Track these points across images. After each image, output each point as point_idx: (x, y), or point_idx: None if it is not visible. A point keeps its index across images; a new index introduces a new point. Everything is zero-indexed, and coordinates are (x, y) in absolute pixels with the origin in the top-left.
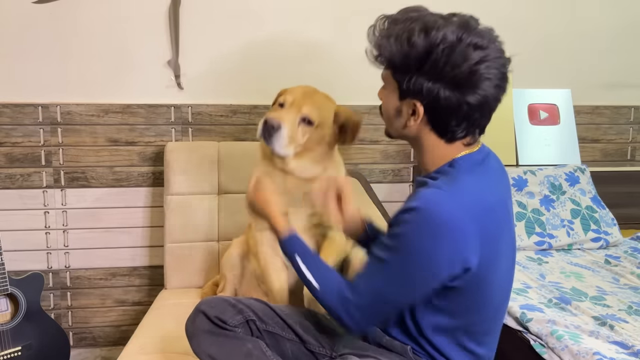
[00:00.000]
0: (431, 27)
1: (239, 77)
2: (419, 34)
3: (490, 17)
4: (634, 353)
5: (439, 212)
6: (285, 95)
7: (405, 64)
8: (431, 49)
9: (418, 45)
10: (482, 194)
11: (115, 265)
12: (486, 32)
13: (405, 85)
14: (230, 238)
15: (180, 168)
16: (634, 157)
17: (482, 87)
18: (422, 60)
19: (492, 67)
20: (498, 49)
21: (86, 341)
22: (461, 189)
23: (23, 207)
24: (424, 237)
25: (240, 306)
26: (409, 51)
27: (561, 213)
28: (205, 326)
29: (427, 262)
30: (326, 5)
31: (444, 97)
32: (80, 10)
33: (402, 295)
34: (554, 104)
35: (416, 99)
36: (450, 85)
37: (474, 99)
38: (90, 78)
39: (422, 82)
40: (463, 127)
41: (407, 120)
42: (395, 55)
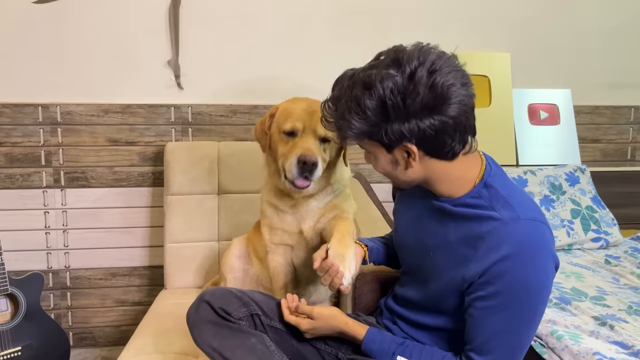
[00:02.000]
0: (370, 82)
1: (239, 77)
2: (365, 95)
3: (491, 17)
4: (634, 353)
5: (532, 242)
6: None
7: (372, 126)
8: (383, 100)
9: (370, 105)
10: (527, 195)
11: (115, 265)
12: (415, 50)
13: (386, 139)
14: (231, 238)
15: (180, 168)
16: (634, 157)
17: (452, 96)
18: (384, 113)
19: (446, 73)
20: (437, 55)
21: (86, 341)
22: (524, 205)
23: (23, 207)
24: (529, 275)
25: (246, 299)
26: (367, 115)
27: (561, 213)
28: (209, 316)
29: (541, 291)
30: (326, 6)
31: (426, 126)
32: (80, 10)
33: (530, 338)
34: (554, 104)
35: (404, 142)
36: (423, 114)
37: (453, 111)
38: (90, 78)
39: (399, 128)
40: (458, 139)
41: (407, 163)
42: (360, 126)
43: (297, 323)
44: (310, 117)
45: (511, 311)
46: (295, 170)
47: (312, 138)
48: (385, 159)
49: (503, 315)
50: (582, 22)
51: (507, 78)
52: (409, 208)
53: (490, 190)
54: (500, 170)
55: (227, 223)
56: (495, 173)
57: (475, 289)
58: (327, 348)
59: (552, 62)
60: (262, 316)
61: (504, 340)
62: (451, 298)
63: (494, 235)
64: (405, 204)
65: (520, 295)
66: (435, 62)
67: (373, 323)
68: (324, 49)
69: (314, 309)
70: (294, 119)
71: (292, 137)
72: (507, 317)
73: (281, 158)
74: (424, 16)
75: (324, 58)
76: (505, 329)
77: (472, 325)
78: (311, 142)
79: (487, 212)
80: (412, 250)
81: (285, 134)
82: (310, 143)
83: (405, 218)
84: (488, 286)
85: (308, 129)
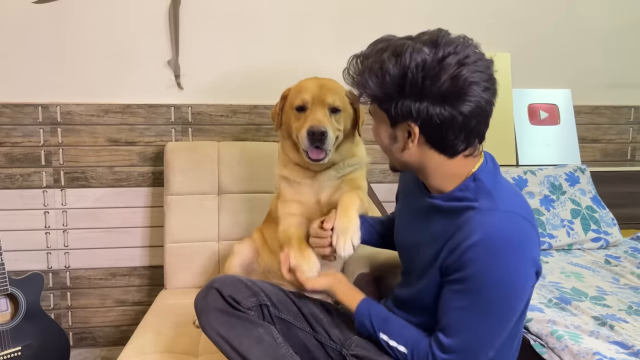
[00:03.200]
0: (400, 51)
1: (239, 77)
2: (390, 60)
3: (491, 17)
4: (634, 353)
5: (505, 234)
6: (301, 95)
7: (385, 93)
8: (405, 71)
9: (392, 71)
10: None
11: (115, 265)
12: (457, 39)
13: (394, 112)
14: (231, 238)
15: (180, 168)
16: (634, 157)
17: (470, 94)
18: (401, 85)
19: (474, 70)
20: (475, 52)
21: (86, 341)
22: (506, 199)
23: (23, 207)
24: (499, 266)
25: (255, 288)
26: (385, 80)
27: (561, 213)
28: (218, 304)
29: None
30: (326, 5)
31: (435, 113)
32: (80, 10)
33: (498, 333)
34: (554, 104)
35: (409, 121)
36: (437, 100)
37: (466, 108)
38: (90, 78)
39: (409, 105)
40: (462, 138)
41: (405, 143)
42: (374, 88)
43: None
44: (319, 90)
45: (477, 299)
46: (306, 141)
47: (321, 109)
48: (386, 132)
49: (468, 301)
50: (582, 22)
51: (507, 78)
52: (408, 208)
53: (477, 182)
54: (495, 167)
55: (227, 223)
56: (489, 169)
57: (447, 274)
58: (331, 344)
59: (552, 62)
60: (270, 307)
61: (468, 326)
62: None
63: (469, 223)
64: (404, 205)
65: (487, 285)
66: (470, 57)
67: None
68: (324, 49)
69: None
70: (303, 93)
71: (303, 112)
72: (473, 304)
73: (295, 132)
74: (424, 16)
75: (324, 58)
76: (470, 316)
77: (441, 306)
78: (320, 113)
79: (469, 203)
80: (407, 250)
81: (297, 109)
82: (318, 114)
83: (404, 218)
84: (458, 272)
85: (317, 100)
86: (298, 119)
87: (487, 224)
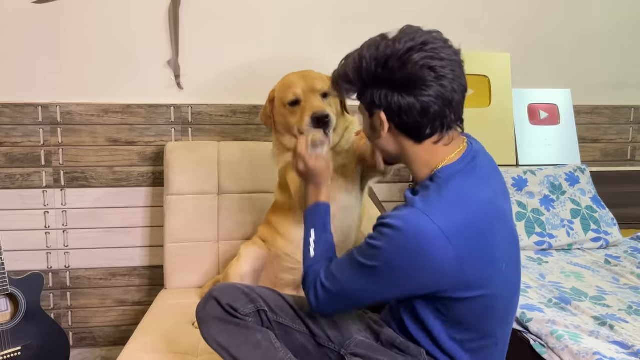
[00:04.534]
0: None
1: (239, 77)
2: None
3: (491, 17)
4: (634, 353)
5: (416, 238)
6: (290, 90)
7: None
8: (361, 61)
9: (352, 64)
10: (463, 206)
11: (115, 265)
12: (419, 31)
13: (364, 102)
14: (231, 238)
15: (180, 168)
16: (634, 157)
17: (426, 80)
18: (360, 75)
19: (429, 57)
20: (436, 40)
21: (86, 341)
22: (439, 208)
23: (23, 207)
24: (398, 258)
25: (253, 295)
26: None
27: (561, 213)
28: (216, 312)
29: (397, 279)
30: (326, 5)
31: (393, 100)
32: (80, 10)
33: (367, 298)
34: (554, 104)
35: (377, 109)
36: (393, 87)
37: (424, 94)
38: (90, 78)
39: (372, 93)
40: (425, 123)
41: (379, 132)
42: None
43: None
44: (305, 81)
45: (360, 263)
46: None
47: (315, 96)
48: (367, 122)
49: (362, 260)
50: (582, 22)
51: (507, 78)
52: None
53: (431, 182)
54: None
55: (227, 223)
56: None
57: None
58: (331, 345)
59: (552, 62)
60: (268, 312)
61: (353, 276)
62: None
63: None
64: None
65: (373, 257)
66: (426, 44)
67: (377, 320)
68: (324, 49)
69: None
70: (292, 88)
71: (298, 105)
72: (363, 265)
73: (295, 126)
74: (424, 16)
75: (324, 58)
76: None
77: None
78: (316, 100)
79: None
80: None
81: (290, 105)
82: (315, 101)
83: None
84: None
85: (307, 90)
86: (294, 114)
87: (408, 220)
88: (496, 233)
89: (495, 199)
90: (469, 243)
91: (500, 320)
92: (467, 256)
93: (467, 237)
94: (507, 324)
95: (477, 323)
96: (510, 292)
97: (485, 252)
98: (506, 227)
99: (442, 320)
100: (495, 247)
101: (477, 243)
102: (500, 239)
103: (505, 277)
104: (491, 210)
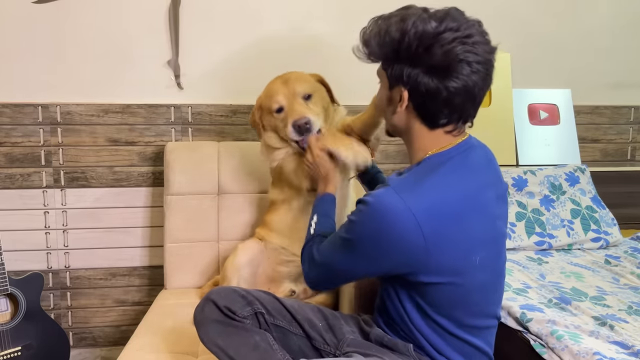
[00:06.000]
0: (406, 17)
1: (239, 77)
2: (395, 25)
3: (491, 17)
4: (634, 353)
5: (383, 213)
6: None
7: (384, 53)
8: (403, 36)
9: (392, 35)
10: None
11: (115, 265)
12: (465, 19)
13: (390, 74)
14: (231, 238)
15: (180, 168)
16: (634, 157)
17: (459, 71)
18: (397, 49)
19: (468, 50)
20: (479, 34)
21: (86, 341)
22: (413, 190)
23: (23, 207)
24: (367, 232)
25: (250, 298)
26: (385, 41)
27: (561, 213)
28: (214, 315)
29: (368, 253)
30: (326, 5)
31: (423, 82)
32: (80, 10)
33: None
34: (554, 104)
35: (401, 86)
36: (427, 70)
37: (453, 84)
38: (90, 78)
39: (402, 69)
40: (445, 113)
41: (396, 106)
42: (375, 47)
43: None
44: (286, 86)
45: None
46: (294, 134)
47: (297, 102)
48: (385, 94)
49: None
50: (583, 22)
51: (507, 78)
52: None
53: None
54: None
55: (227, 223)
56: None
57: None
58: (326, 347)
59: (552, 62)
60: (266, 315)
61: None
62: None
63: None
64: None
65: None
66: (470, 37)
67: (368, 320)
68: (324, 49)
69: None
70: (275, 97)
71: (282, 111)
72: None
73: (281, 131)
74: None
75: (324, 58)
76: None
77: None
78: (297, 107)
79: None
80: None
81: (276, 112)
82: (296, 107)
83: None
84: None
85: (290, 96)
86: (281, 119)
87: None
88: (472, 224)
89: (478, 191)
90: (437, 226)
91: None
92: (436, 239)
93: (436, 220)
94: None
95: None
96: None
97: (457, 240)
98: (487, 221)
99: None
100: (470, 237)
101: (447, 228)
102: (476, 231)
103: (480, 271)
104: (469, 201)
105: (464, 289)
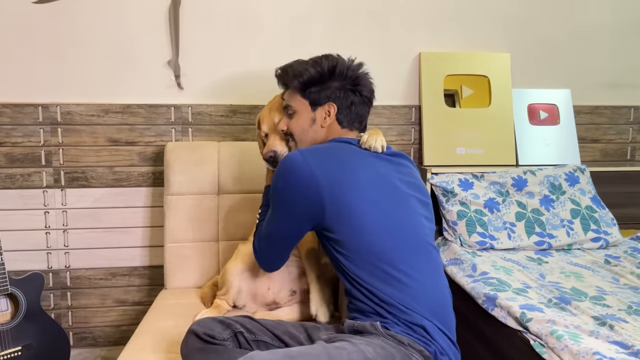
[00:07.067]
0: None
1: (239, 77)
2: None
3: (491, 17)
4: (634, 353)
5: (285, 163)
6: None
7: (318, 78)
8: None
9: (324, 65)
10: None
11: (115, 265)
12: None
13: (318, 96)
14: (231, 238)
15: (180, 168)
16: (633, 157)
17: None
18: (330, 74)
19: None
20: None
21: (86, 341)
22: (315, 151)
23: (23, 207)
24: (278, 184)
25: (228, 321)
26: (319, 70)
27: (561, 213)
28: (196, 344)
29: (285, 206)
30: (326, 6)
31: (348, 97)
32: (80, 10)
33: (280, 234)
34: (554, 104)
35: (330, 102)
36: (351, 88)
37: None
38: (90, 78)
39: (334, 89)
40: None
41: (322, 122)
42: (311, 73)
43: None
44: (270, 114)
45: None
46: (267, 163)
47: (273, 133)
48: (307, 117)
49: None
50: (582, 22)
51: (507, 78)
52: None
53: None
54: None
55: (227, 223)
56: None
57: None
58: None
59: (552, 62)
60: (245, 333)
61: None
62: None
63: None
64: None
65: (272, 195)
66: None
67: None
68: (324, 49)
69: None
70: (262, 125)
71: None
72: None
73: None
74: (423, 16)
75: None
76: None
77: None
78: (271, 140)
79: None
80: None
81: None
82: (270, 142)
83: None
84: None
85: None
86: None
87: (286, 157)
88: (358, 166)
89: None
90: (321, 161)
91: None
92: (323, 173)
93: (319, 156)
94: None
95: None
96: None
97: (345, 177)
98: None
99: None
100: (359, 177)
101: (331, 163)
102: (365, 172)
103: (384, 213)
104: (355, 152)
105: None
